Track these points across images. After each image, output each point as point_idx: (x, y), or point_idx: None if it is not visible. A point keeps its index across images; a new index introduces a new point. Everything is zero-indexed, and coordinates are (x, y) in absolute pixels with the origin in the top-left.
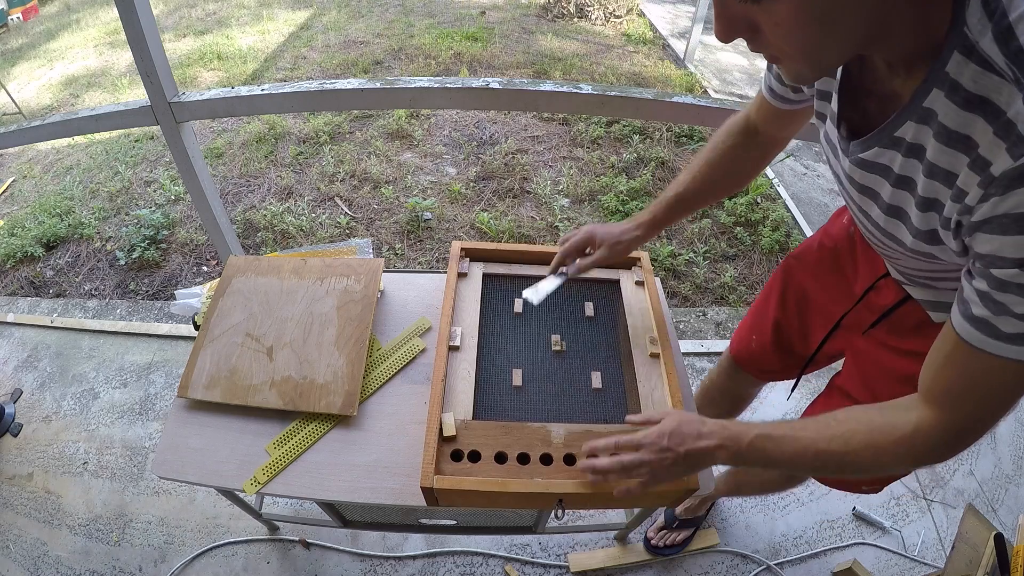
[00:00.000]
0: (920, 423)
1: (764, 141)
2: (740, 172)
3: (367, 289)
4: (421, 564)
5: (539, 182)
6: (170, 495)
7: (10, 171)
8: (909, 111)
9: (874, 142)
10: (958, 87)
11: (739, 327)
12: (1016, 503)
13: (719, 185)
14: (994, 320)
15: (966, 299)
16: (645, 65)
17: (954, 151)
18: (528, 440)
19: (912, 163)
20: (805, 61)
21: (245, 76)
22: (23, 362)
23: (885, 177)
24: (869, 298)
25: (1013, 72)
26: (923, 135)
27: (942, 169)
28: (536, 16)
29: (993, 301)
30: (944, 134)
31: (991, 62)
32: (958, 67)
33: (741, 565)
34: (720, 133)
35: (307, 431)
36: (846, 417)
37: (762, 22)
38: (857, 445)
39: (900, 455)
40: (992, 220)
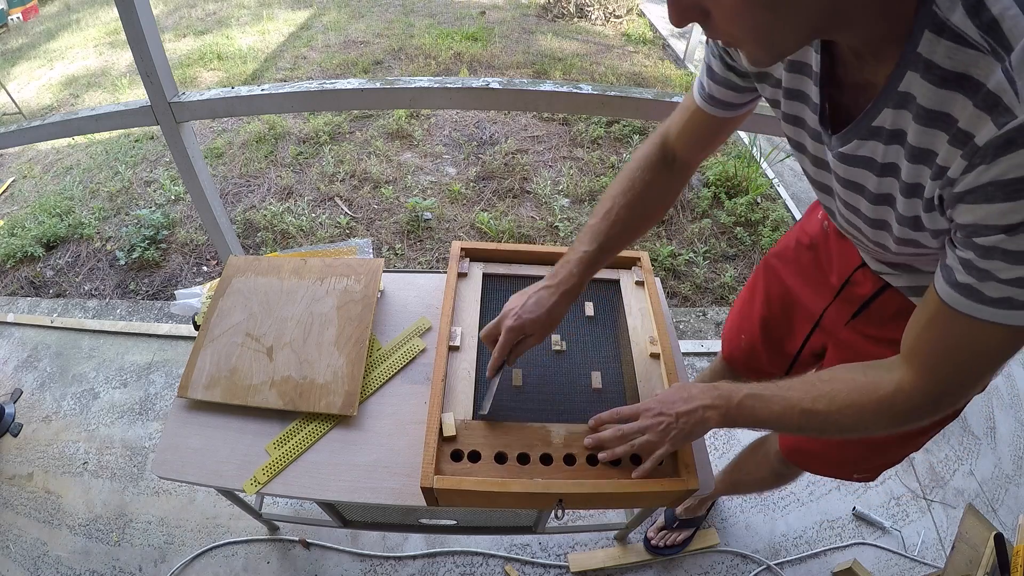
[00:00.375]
0: (901, 383)
1: (680, 168)
2: (659, 206)
3: (367, 289)
4: (421, 564)
5: (539, 182)
6: (170, 495)
7: (10, 171)
8: (884, 98)
9: (852, 135)
10: (932, 66)
11: (726, 329)
12: (1016, 503)
13: (638, 225)
14: (979, 286)
15: (949, 266)
16: (645, 65)
17: (933, 130)
18: (528, 440)
19: (895, 149)
20: (758, 45)
21: (245, 76)
22: (23, 362)
23: (869, 169)
24: (847, 290)
25: (988, 43)
26: (902, 120)
27: (923, 150)
28: (536, 16)
29: (977, 269)
30: (923, 115)
31: (964, 36)
32: (930, 46)
33: (741, 565)
34: (633, 169)
35: (307, 431)
36: (831, 376)
37: (712, 8)
38: (840, 404)
39: (881, 414)
40: (976, 190)
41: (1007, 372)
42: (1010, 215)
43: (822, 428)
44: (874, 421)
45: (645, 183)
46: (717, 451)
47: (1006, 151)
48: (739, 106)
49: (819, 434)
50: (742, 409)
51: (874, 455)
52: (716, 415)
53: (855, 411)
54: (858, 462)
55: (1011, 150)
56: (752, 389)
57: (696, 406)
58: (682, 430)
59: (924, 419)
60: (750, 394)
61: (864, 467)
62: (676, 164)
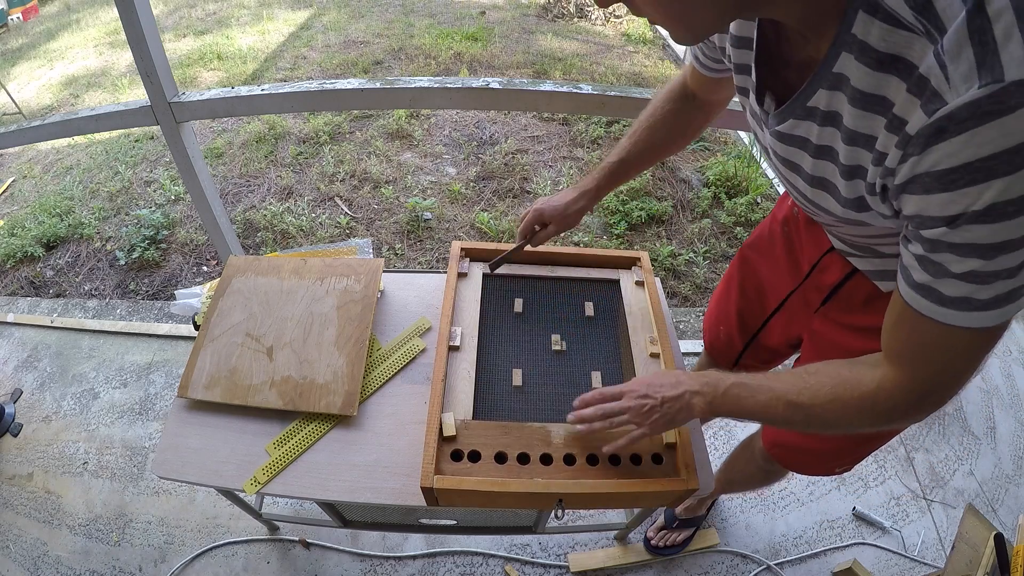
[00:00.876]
0: (883, 380)
1: (702, 104)
2: (681, 134)
3: (367, 289)
4: (421, 564)
5: (539, 182)
6: (170, 495)
7: (10, 171)
8: (819, 78)
9: (788, 114)
10: (867, 48)
11: (706, 320)
12: (1016, 503)
13: (660, 148)
14: (935, 284)
15: (907, 266)
16: (645, 65)
17: (870, 114)
18: (528, 440)
19: (830, 131)
20: (678, 24)
21: (245, 76)
22: (23, 362)
23: (804, 149)
24: (816, 277)
25: (922, 24)
26: (837, 102)
27: (861, 134)
28: (536, 16)
29: (931, 263)
30: (859, 98)
31: (898, 17)
32: (864, 27)
33: (741, 565)
34: (659, 98)
35: (307, 431)
36: (817, 370)
37: None
38: (824, 398)
39: (864, 411)
40: (914, 180)
41: (1007, 372)
42: (949, 206)
43: (806, 421)
44: (857, 417)
45: (667, 111)
46: (717, 451)
47: (937, 140)
48: (723, 70)
49: (804, 428)
50: (728, 397)
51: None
52: (702, 402)
53: (838, 406)
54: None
55: (942, 138)
56: (740, 379)
57: (683, 391)
58: (665, 415)
59: (907, 418)
60: (737, 383)
61: (844, 461)
62: (697, 101)
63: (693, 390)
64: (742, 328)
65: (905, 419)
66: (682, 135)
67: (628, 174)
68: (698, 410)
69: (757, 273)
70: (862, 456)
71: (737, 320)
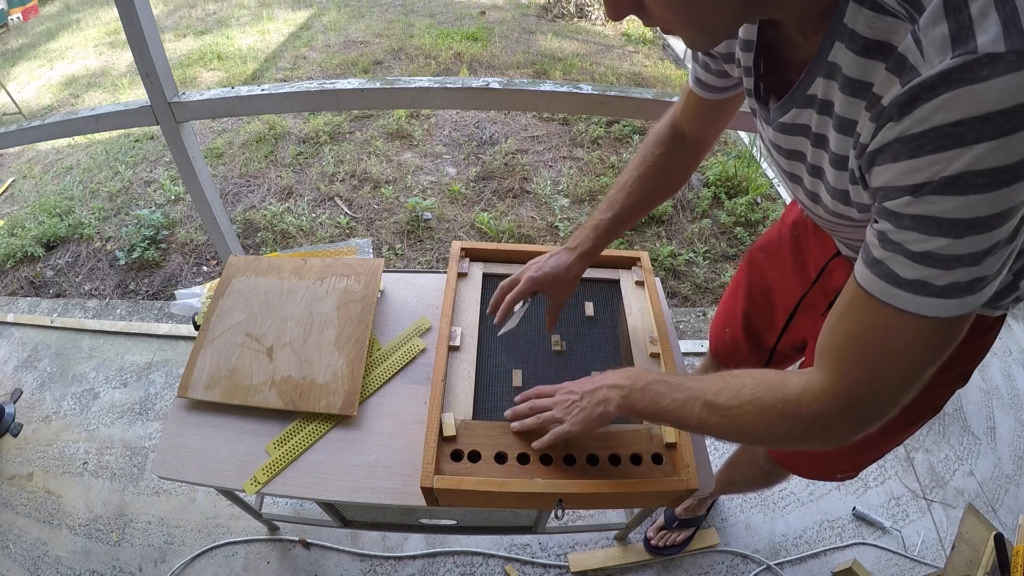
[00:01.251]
0: (810, 384)
1: (692, 144)
2: (672, 180)
3: (367, 289)
4: (421, 564)
5: (539, 182)
6: (170, 495)
7: (10, 171)
8: (816, 67)
9: (790, 104)
10: (855, 35)
11: (713, 323)
12: (1016, 503)
13: (653, 196)
14: (892, 263)
15: (867, 243)
16: (645, 65)
17: (856, 99)
18: (528, 440)
19: (824, 119)
20: (695, 28)
21: (245, 76)
22: (23, 362)
23: (806, 136)
24: (823, 280)
25: (905, 10)
26: (830, 90)
27: (848, 120)
28: (536, 16)
29: (890, 241)
30: (847, 84)
31: (883, 4)
32: (854, 16)
33: (741, 565)
34: (646, 145)
35: (307, 431)
36: (745, 372)
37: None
38: (743, 399)
39: (785, 416)
40: (884, 148)
41: (1007, 372)
42: (915, 174)
43: (723, 425)
44: (776, 423)
45: (657, 155)
46: (717, 451)
47: (910, 108)
48: (725, 89)
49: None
50: (646, 392)
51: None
52: (618, 395)
53: (757, 408)
54: (839, 460)
55: (915, 106)
56: (663, 376)
57: (600, 385)
58: (584, 408)
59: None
60: (658, 379)
61: (845, 466)
62: (686, 141)
63: (611, 384)
64: (747, 331)
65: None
66: (674, 179)
67: (623, 227)
68: (614, 404)
69: (765, 277)
70: (864, 464)
71: (743, 323)
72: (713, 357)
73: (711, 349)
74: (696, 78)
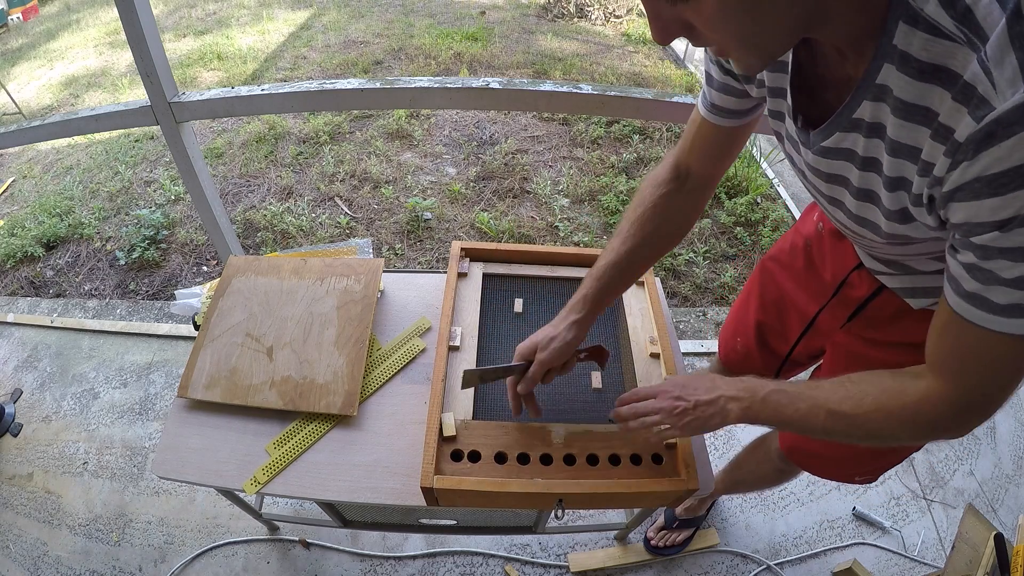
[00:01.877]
0: (928, 392)
1: (696, 183)
2: (674, 223)
3: (367, 289)
4: (421, 564)
5: (539, 182)
6: (170, 495)
7: (10, 171)
8: (863, 90)
9: (834, 127)
10: (909, 58)
11: (723, 331)
12: (1016, 503)
13: (653, 243)
14: (986, 292)
15: (955, 276)
16: (645, 65)
17: (914, 124)
18: (528, 440)
19: (875, 143)
20: (747, 50)
21: (245, 76)
22: (23, 362)
23: (851, 161)
24: (843, 292)
25: (964, 34)
26: (881, 112)
27: (905, 145)
28: (536, 16)
29: (980, 270)
30: (902, 108)
31: (940, 27)
32: (906, 38)
33: (741, 565)
34: (644, 188)
35: (307, 431)
36: (860, 379)
37: (694, 20)
38: (868, 407)
39: (906, 422)
40: (964, 187)
41: None
42: (1000, 211)
43: (848, 432)
44: (900, 428)
45: (658, 197)
46: (717, 451)
47: (987, 145)
48: (743, 113)
49: (845, 439)
50: (767, 404)
51: (875, 457)
52: (738, 408)
53: (882, 416)
54: (859, 463)
55: (992, 143)
56: (780, 385)
57: (718, 395)
58: (698, 418)
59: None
60: (777, 390)
61: (865, 469)
62: (690, 182)
63: (729, 395)
64: (760, 341)
65: (948, 432)
66: (679, 222)
67: (622, 283)
68: (733, 416)
69: (779, 286)
70: (884, 468)
71: (756, 332)
72: (723, 364)
73: (721, 357)
74: (711, 103)
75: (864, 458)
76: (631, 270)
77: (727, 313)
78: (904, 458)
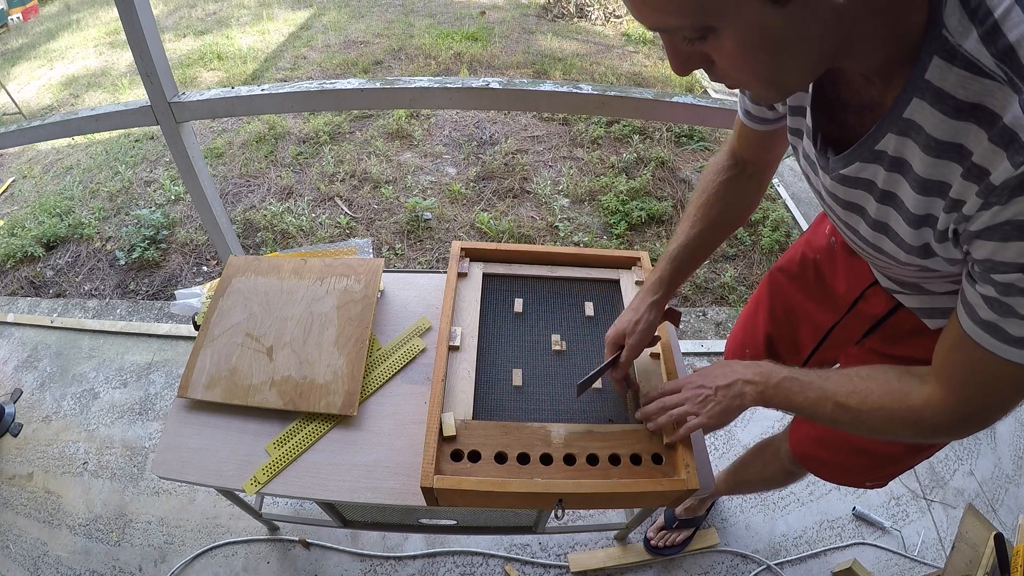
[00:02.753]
0: (931, 398)
1: (755, 168)
2: (738, 205)
3: (367, 289)
4: (421, 564)
5: (539, 182)
6: (170, 495)
7: (10, 171)
8: (889, 123)
9: (855, 157)
10: (944, 95)
11: (730, 340)
12: (1016, 503)
13: (720, 225)
14: (1002, 323)
15: (971, 303)
16: (645, 65)
17: (946, 161)
18: (528, 440)
19: (895, 178)
20: (765, 86)
21: (245, 76)
22: (23, 362)
23: (870, 192)
24: (859, 308)
25: (1004, 72)
26: (906, 149)
27: (934, 182)
28: (536, 16)
29: (999, 303)
30: (934, 146)
31: (979, 64)
32: (941, 73)
33: (741, 565)
34: (707, 175)
35: (307, 431)
36: (869, 374)
37: (713, 55)
38: (872, 404)
39: (908, 424)
40: (993, 228)
41: None
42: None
43: (853, 424)
44: (901, 428)
45: (719, 183)
46: (717, 451)
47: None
48: (775, 120)
49: (850, 430)
50: (779, 390)
51: (886, 464)
52: (753, 391)
53: (885, 415)
54: (870, 471)
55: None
56: (793, 372)
57: (735, 379)
58: (719, 402)
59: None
60: (789, 376)
61: (875, 476)
62: (748, 167)
63: (746, 379)
64: (770, 352)
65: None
66: (741, 205)
67: (692, 262)
68: (749, 399)
69: (788, 298)
70: (894, 474)
71: (765, 343)
72: None
73: None
74: (745, 110)
75: (875, 466)
76: (701, 251)
77: (727, 313)
78: (913, 465)
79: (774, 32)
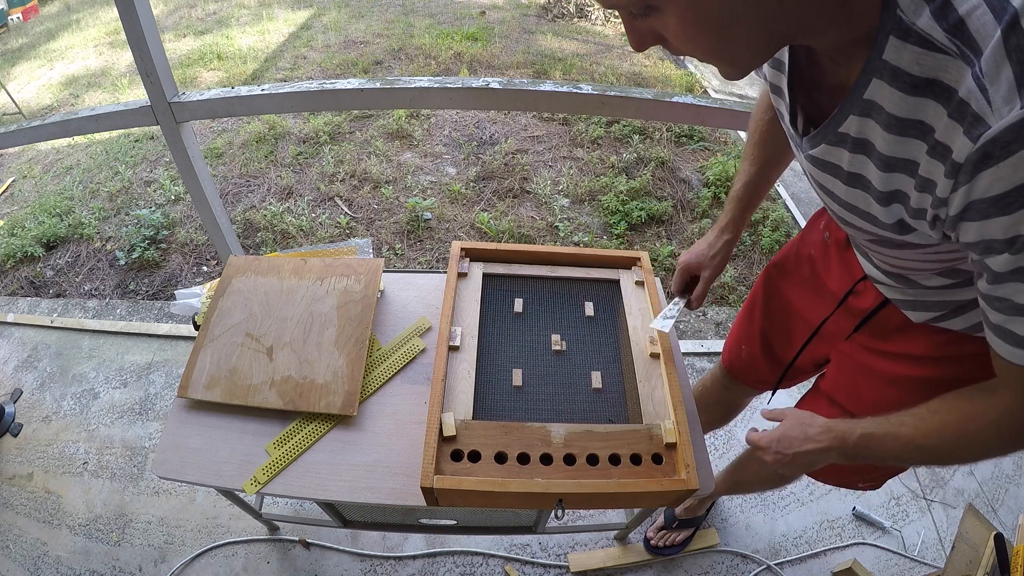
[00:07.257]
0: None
1: None
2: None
3: (367, 289)
4: (421, 564)
5: (539, 182)
6: (170, 495)
7: (10, 171)
8: (849, 104)
9: (820, 139)
10: (900, 73)
11: (728, 337)
12: (1016, 503)
13: (774, 161)
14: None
15: (982, 308)
16: (645, 65)
17: (908, 139)
18: (528, 440)
19: (860, 159)
20: (721, 61)
21: (245, 76)
22: (23, 362)
23: (836, 176)
24: (849, 303)
25: (956, 46)
26: (868, 129)
27: (899, 159)
28: (536, 16)
29: (997, 299)
30: (895, 124)
31: (931, 40)
32: (896, 52)
33: (741, 565)
34: (755, 114)
35: (307, 431)
36: (938, 407)
37: (663, 32)
38: (951, 437)
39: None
40: (970, 207)
41: None
42: (1010, 229)
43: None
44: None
45: (767, 123)
46: (717, 451)
47: (985, 165)
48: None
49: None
50: (859, 450)
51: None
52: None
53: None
54: (863, 471)
55: (990, 164)
56: (866, 428)
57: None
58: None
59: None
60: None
61: (869, 476)
62: None
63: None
64: (765, 349)
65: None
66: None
67: (758, 194)
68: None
69: (782, 293)
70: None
71: (761, 340)
72: (727, 371)
73: (724, 364)
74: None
75: (868, 467)
76: (762, 187)
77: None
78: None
79: (710, 12)
